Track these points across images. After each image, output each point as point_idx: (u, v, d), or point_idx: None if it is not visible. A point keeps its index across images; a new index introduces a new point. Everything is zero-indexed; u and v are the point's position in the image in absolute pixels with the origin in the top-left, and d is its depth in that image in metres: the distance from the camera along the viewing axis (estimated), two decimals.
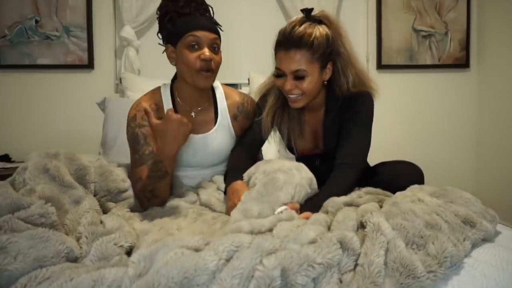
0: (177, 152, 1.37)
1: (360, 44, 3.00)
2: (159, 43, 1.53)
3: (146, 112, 1.36)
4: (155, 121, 1.34)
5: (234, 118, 1.60)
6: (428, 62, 3.04)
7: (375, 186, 1.38)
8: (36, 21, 2.77)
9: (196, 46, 1.41)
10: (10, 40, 2.75)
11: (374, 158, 1.73)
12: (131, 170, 1.49)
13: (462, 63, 3.05)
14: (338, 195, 1.28)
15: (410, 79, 3.05)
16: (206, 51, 1.41)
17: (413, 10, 3.00)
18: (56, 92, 2.81)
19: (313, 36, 1.35)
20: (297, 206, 1.22)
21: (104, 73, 2.85)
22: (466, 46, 3.04)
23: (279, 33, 1.41)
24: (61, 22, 2.79)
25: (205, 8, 1.48)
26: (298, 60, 1.35)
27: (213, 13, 1.51)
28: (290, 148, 1.62)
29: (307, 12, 1.41)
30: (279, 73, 1.40)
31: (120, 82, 2.74)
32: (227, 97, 1.61)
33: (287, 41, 1.36)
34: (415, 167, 1.49)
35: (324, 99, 1.51)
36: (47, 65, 2.79)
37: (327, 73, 1.44)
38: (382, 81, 3.09)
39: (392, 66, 3.02)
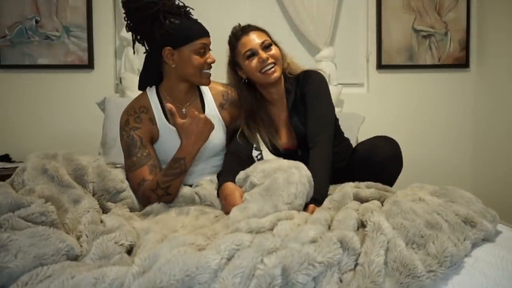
0: (199, 149, 1.43)
1: (360, 44, 3.00)
2: (138, 41, 1.57)
3: (171, 111, 1.40)
4: (180, 120, 1.39)
5: (221, 107, 1.66)
6: (428, 62, 3.04)
7: (355, 162, 1.41)
8: (36, 21, 2.77)
9: (203, 52, 1.50)
10: (10, 40, 2.75)
11: None
12: (129, 174, 1.49)
13: (462, 63, 3.05)
14: (326, 171, 1.40)
15: (410, 79, 3.05)
16: (211, 56, 1.53)
17: (413, 10, 3.00)
18: (56, 92, 2.81)
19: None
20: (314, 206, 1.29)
21: (104, 73, 2.84)
22: (466, 46, 3.04)
23: (231, 34, 1.61)
24: (61, 22, 2.78)
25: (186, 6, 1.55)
26: (260, 35, 1.58)
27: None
28: (273, 149, 1.67)
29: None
30: (249, 55, 1.56)
31: (120, 82, 2.73)
32: (210, 88, 1.68)
33: (244, 30, 1.59)
34: (391, 140, 1.51)
35: (283, 86, 1.65)
36: (47, 65, 2.79)
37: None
38: (382, 81, 3.11)
39: (392, 66, 3.02)
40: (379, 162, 1.38)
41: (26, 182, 1.19)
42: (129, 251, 1.01)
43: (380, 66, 3.00)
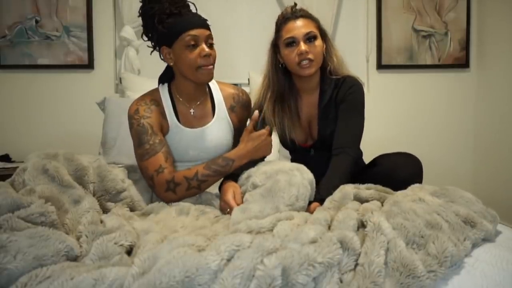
0: (247, 160, 1.45)
1: (360, 44, 3.00)
2: (148, 46, 1.58)
3: (254, 118, 1.44)
4: (252, 129, 1.45)
5: (231, 109, 1.65)
6: (428, 62, 3.04)
7: (374, 178, 1.41)
8: (36, 21, 2.77)
9: (194, 45, 1.46)
10: (10, 40, 2.75)
11: (374, 157, 1.73)
12: (142, 163, 1.47)
13: (462, 63, 3.05)
14: (340, 181, 1.37)
15: (410, 79, 3.05)
16: (205, 48, 1.47)
17: (413, 10, 3.00)
18: (56, 92, 2.81)
19: (312, 13, 1.58)
20: (317, 204, 1.29)
21: (104, 73, 2.85)
22: (466, 46, 3.04)
23: (281, 14, 1.58)
24: (61, 22, 2.79)
25: (189, 6, 1.54)
26: (308, 24, 1.53)
27: (196, 10, 1.56)
28: (285, 141, 1.65)
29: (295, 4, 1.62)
30: (289, 42, 1.52)
31: (120, 82, 2.73)
32: (221, 90, 1.67)
33: (294, 14, 1.54)
34: (414, 158, 1.52)
35: (319, 80, 1.61)
36: (47, 65, 2.79)
37: (324, 47, 1.58)
38: (382, 81, 3.11)
39: (392, 66, 3.02)
40: (401, 181, 1.36)
41: (27, 182, 1.19)
42: (129, 251, 1.00)
43: (380, 66, 3.01)
